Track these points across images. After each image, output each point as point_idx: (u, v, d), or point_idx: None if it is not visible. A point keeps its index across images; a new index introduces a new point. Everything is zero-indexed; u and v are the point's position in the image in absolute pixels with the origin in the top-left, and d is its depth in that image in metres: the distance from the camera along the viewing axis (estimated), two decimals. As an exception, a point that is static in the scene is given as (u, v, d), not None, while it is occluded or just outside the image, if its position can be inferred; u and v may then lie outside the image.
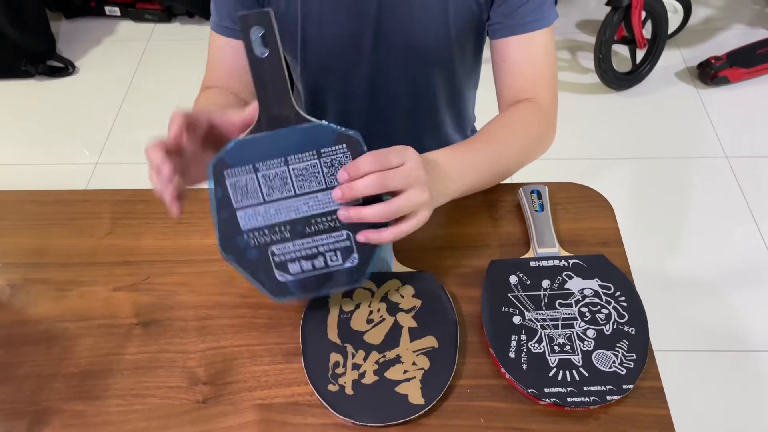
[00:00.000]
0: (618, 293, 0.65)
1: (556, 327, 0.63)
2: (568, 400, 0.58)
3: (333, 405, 0.59)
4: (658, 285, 1.53)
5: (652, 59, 2.02)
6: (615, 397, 0.58)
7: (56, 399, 0.62)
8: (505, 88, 0.80)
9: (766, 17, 2.28)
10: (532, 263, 0.68)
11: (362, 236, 0.58)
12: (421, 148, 0.61)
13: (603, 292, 0.65)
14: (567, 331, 0.63)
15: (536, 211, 0.73)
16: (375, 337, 0.63)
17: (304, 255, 0.60)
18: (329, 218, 0.58)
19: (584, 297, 0.65)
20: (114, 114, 2.08)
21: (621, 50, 2.08)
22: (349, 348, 0.63)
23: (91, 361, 0.64)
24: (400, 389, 0.59)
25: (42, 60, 2.20)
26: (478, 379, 0.61)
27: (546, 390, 0.59)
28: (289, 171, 0.57)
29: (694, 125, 1.93)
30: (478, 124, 1.09)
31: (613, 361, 0.60)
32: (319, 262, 0.60)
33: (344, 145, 0.56)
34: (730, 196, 1.72)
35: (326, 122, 0.56)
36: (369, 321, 0.64)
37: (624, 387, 0.59)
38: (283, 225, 0.59)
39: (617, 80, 2.00)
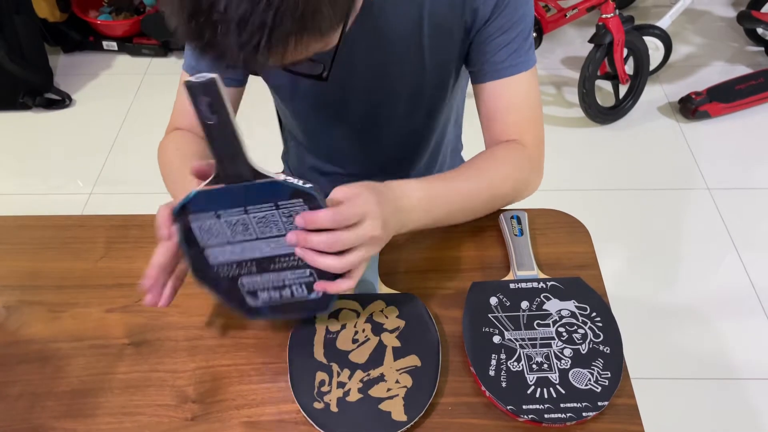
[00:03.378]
0: (594, 314, 0.68)
1: (534, 346, 0.65)
2: (546, 416, 0.60)
3: (318, 422, 0.61)
4: (641, 314, 1.55)
5: (635, 94, 2.08)
6: (591, 414, 0.60)
7: (48, 417, 0.63)
8: (488, 132, 0.82)
9: (745, 55, 2.36)
10: (512, 285, 0.71)
11: (320, 286, 0.61)
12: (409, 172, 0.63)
13: (579, 313, 0.68)
14: (545, 350, 0.65)
15: (516, 235, 0.75)
16: (360, 356, 0.65)
17: (271, 287, 0.64)
18: (292, 258, 0.61)
19: (561, 317, 0.68)
20: (109, 146, 2.11)
21: (604, 85, 2.15)
22: (335, 367, 0.64)
23: (83, 380, 0.66)
24: (384, 407, 0.61)
25: (39, 92, 2.24)
26: (460, 396, 0.63)
27: (524, 407, 0.61)
28: (249, 218, 0.58)
29: (676, 158, 1.98)
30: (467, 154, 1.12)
31: (589, 379, 0.63)
32: (286, 293, 0.64)
33: (301, 200, 0.57)
34: (712, 226, 1.76)
35: (282, 178, 0.56)
36: (354, 341, 0.66)
37: (599, 404, 0.61)
38: (250, 261, 0.62)
39: (601, 114, 2.06)
